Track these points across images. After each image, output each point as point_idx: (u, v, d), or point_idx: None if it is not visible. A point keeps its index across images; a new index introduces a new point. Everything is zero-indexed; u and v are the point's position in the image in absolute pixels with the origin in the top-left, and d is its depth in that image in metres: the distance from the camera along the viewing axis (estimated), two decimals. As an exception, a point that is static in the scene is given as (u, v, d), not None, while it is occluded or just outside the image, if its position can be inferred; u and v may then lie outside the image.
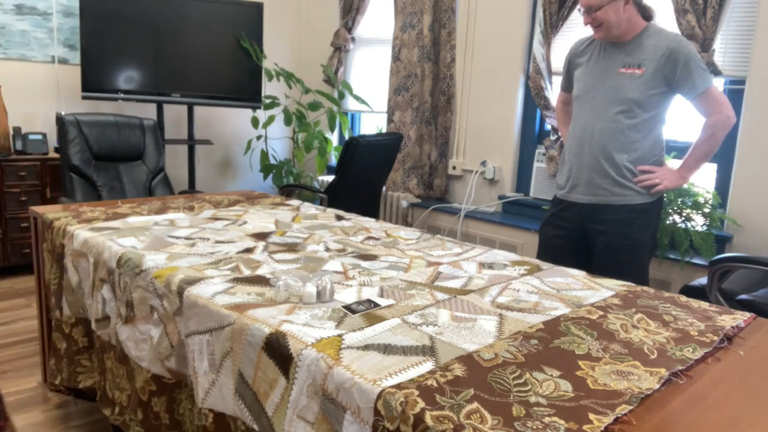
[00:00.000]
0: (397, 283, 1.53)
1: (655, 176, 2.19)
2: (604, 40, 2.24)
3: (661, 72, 2.12)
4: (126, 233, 1.89)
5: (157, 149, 3.43)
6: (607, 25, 2.16)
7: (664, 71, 2.12)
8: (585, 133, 2.24)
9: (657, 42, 2.14)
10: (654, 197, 2.22)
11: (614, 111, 2.18)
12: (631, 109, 2.16)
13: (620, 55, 2.20)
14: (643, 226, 2.21)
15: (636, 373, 1.08)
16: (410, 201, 4.16)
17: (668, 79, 2.13)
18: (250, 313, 1.28)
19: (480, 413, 0.91)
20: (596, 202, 2.24)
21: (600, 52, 2.26)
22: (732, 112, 2.13)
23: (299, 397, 1.11)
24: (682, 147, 3.13)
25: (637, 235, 2.20)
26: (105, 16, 3.79)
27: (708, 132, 2.16)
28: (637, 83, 2.14)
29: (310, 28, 5.21)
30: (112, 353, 1.73)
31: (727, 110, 2.13)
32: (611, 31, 2.17)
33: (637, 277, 2.17)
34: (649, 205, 2.21)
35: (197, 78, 4.18)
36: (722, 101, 2.13)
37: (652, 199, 2.21)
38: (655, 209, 2.24)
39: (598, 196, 2.23)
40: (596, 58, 2.26)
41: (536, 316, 1.35)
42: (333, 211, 2.46)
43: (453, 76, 4.03)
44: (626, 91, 2.16)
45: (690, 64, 2.09)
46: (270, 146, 5.07)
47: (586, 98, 2.26)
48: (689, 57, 2.09)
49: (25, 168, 3.61)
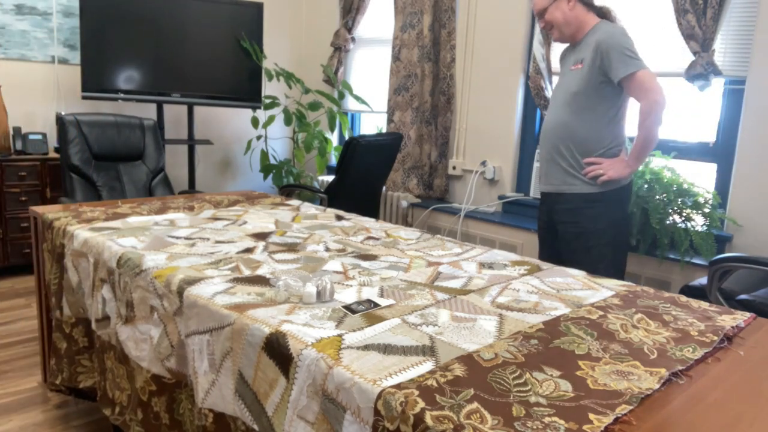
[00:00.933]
0: (397, 283, 1.53)
1: (601, 167, 2.27)
2: (560, 42, 2.41)
3: (595, 64, 2.23)
4: (126, 233, 1.89)
5: (157, 149, 3.43)
6: (557, 26, 2.33)
7: (596, 63, 2.23)
8: (545, 128, 2.42)
9: (594, 37, 2.25)
10: (604, 187, 2.28)
11: (562, 105, 2.33)
12: (574, 102, 2.29)
13: (572, 54, 2.37)
14: (594, 215, 2.29)
15: (636, 373, 1.08)
16: (410, 201, 4.15)
17: (601, 70, 2.23)
18: (250, 313, 1.28)
19: (480, 413, 0.91)
20: (552, 191, 2.39)
21: (565, 54, 2.44)
22: (660, 96, 2.16)
23: (299, 397, 1.11)
24: (682, 147, 3.13)
25: (586, 223, 2.29)
26: (105, 16, 3.79)
27: (640, 119, 2.21)
28: (578, 77, 2.28)
29: (310, 28, 5.21)
30: (112, 353, 1.73)
31: (654, 94, 2.16)
32: (562, 31, 2.34)
33: (592, 267, 2.26)
34: (598, 195, 2.28)
35: (197, 78, 4.18)
36: (648, 86, 2.17)
37: (602, 189, 2.28)
38: (608, 199, 2.29)
39: (553, 185, 2.38)
40: (563, 60, 2.45)
41: (536, 316, 1.35)
42: (333, 211, 2.46)
43: (453, 76, 4.03)
44: (571, 85, 2.31)
45: (611, 53, 2.18)
46: (270, 146, 5.07)
47: (552, 98, 2.45)
48: (611, 46, 2.18)
49: (25, 168, 3.61)
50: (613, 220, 2.31)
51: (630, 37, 2.23)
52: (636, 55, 2.20)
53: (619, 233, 2.36)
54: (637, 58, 2.19)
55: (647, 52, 3.17)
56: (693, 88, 2.96)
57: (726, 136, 2.98)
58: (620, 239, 2.36)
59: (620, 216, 2.34)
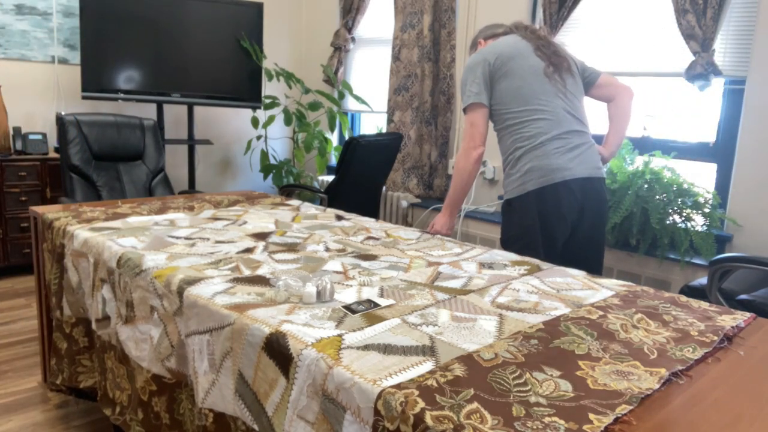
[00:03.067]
0: (397, 283, 1.53)
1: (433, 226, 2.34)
2: None
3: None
4: (126, 233, 1.89)
5: (157, 149, 3.43)
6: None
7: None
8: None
9: None
10: (509, 195, 2.24)
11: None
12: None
13: None
14: (504, 222, 2.27)
15: (636, 373, 1.08)
16: (410, 201, 4.15)
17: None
18: (250, 313, 1.28)
19: (480, 413, 0.91)
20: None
21: None
22: (467, 143, 2.21)
23: (299, 397, 1.11)
24: (682, 147, 3.13)
25: (502, 228, 2.30)
26: (105, 16, 3.79)
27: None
28: None
29: (310, 28, 5.21)
30: (112, 353, 1.73)
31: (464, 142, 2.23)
32: None
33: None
34: (505, 204, 2.26)
35: (197, 78, 4.18)
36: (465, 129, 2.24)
37: (508, 197, 2.24)
38: (506, 209, 2.26)
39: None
40: None
41: (536, 316, 1.35)
42: (333, 211, 2.46)
43: (453, 76, 4.03)
44: None
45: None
46: (270, 146, 5.07)
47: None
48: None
49: (25, 168, 3.61)
50: (512, 228, 2.29)
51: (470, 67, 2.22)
52: (465, 91, 2.21)
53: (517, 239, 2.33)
54: (465, 93, 2.21)
55: (647, 52, 3.17)
56: (693, 88, 2.96)
57: (726, 136, 2.98)
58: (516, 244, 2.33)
59: (519, 222, 2.28)
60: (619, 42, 3.29)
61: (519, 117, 2.18)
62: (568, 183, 2.13)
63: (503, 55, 2.19)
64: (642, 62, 3.20)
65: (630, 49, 3.24)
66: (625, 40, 3.25)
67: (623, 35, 3.26)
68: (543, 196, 2.14)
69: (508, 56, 2.19)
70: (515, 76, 2.17)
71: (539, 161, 2.13)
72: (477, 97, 2.19)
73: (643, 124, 3.29)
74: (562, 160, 2.13)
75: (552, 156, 2.13)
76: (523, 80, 2.17)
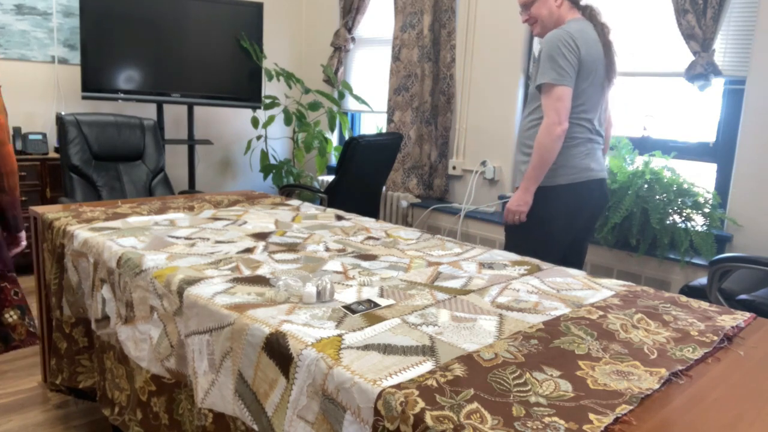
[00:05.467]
0: (397, 283, 1.53)
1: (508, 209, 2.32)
2: (539, 37, 2.34)
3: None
4: (126, 233, 1.89)
5: (157, 149, 3.43)
6: (541, 22, 2.28)
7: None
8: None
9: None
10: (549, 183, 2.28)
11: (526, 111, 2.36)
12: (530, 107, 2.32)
13: None
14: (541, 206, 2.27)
15: (636, 373, 1.08)
16: (410, 201, 4.15)
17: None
18: (250, 313, 1.28)
19: (480, 413, 0.91)
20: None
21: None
22: (551, 119, 2.14)
23: (299, 397, 1.11)
24: (682, 147, 3.13)
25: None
26: (105, 16, 3.79)
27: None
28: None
29: (310, 28, 5.21)
30: (111, 353, 1.73)
31: (548, 118, 2.15)
32: (545, 26, 2.28)
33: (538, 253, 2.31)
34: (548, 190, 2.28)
35: (197, 78, 4.18)
36: (548, 103, 2.15)
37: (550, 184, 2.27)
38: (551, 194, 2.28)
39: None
40: None
41: (536, 316, 1.35)
42: (333, 211, 2.46)
43: (453, 76, 4.03)
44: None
45: (540, 57, 2.17)
46: (270, 146, 5.07)
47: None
48: (542, 50, 2.17)
49: (25, 168, 3.61)
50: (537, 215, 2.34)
51: (565, 45, 2.13)
52: (556, 67, 2.13)
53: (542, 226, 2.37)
54: (555, 69, 2.12)
55: (647, 52, 3.17)
56: (693, 88, 2.96)
57: (726, 136, 2.98)
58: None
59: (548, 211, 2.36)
60: (619, 42, 3.29)
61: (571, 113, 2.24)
62: (592, 183, 2.27)
63: (588, 59, 2.17)
64: (642, 62, 3.20)
65: (630, 49, 3.24)
66: (625, 40, 3.25)
67: (623, 35, 3.26)
68: (576, 191, 2.26)
69: (591, 59, 2.19)
70: (587, 80, 2.20)
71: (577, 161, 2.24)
72: (568, 80, 2.14)
73: (643, 124, 3.29)
74: (593, 162, 2.28)
75: (586, 157, 2.26)
76: (590, 84, 2.21)
